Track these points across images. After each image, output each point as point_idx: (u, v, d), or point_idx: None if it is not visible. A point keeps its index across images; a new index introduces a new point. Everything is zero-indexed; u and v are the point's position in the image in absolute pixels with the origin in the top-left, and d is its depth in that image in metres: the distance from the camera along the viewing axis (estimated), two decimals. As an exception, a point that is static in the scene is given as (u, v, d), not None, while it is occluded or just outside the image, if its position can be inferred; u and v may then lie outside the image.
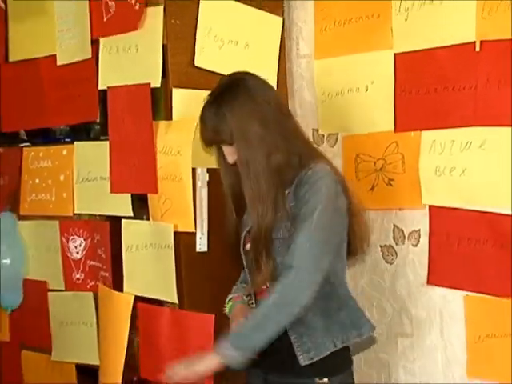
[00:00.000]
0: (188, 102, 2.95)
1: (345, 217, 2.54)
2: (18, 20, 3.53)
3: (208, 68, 2.96)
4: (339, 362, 2.57)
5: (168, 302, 3.00)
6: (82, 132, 3.30)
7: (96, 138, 3.24)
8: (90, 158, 3.13)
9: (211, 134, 2.50)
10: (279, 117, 2.51)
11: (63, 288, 3.27)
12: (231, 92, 2.54)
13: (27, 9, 3.47)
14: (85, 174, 3.17)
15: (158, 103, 2.97)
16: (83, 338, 3.21)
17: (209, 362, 2.43)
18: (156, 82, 2.87)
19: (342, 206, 2.51)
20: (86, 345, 3.25)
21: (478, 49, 2.61)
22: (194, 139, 2.86)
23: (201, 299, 3.02)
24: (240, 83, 2.57)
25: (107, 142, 3.06)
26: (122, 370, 3.08)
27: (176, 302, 2.95)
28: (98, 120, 3.23)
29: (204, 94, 2.72)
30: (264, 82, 2.59)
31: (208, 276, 3.05)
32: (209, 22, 2.96)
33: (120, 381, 3.13)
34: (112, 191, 3.04)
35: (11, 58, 3.52)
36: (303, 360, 2.48)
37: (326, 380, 2.54)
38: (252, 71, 2.92)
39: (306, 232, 2.39)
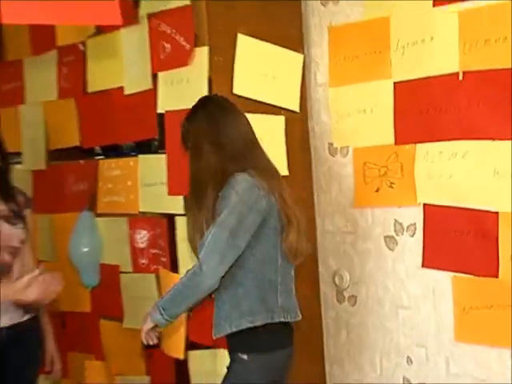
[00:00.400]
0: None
1: (264, 216, 2.56)
2: (95, 59, 3.60)
3: (244, 95, 3.09)
4: (259, 343, 2.64)
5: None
6: (144, 147, 3.37)
7: (155, 152, 3.32)
8: (151, 168, 3.25)
9: (182, 140, 2.69)
10: (228, 135, 2.63)
11: (131, 270, 3.38)
12: (197, 112, 2.71)
13: (101, 51, 3.57)
14: (147, 180, 3.28)
15: None
16: (148, 309, 3.33)
17: (146, 321, 2.62)
18: None
19: (261, 209, 2.54)
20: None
21: (461, 78, 2.76)
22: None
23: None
24: (204, 107, 2.74)
25: (164, 155, 3.19)
26: (184, 335, 3.16)
27: None
28: (157, 137, 3.31)
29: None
30: (224, 107, 2.73)
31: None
32: (244, 58, 3.09)
33: (183, 344, 3.18)
34: (169, 194, 3.16)
35: (89, 90, 3.62)
36: (213, 334, 2.65)
37: (245, 356, 2.64)
38: (279, 98, 3.18)
39: (215, 230, 2.47)
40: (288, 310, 2.71)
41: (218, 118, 2.69)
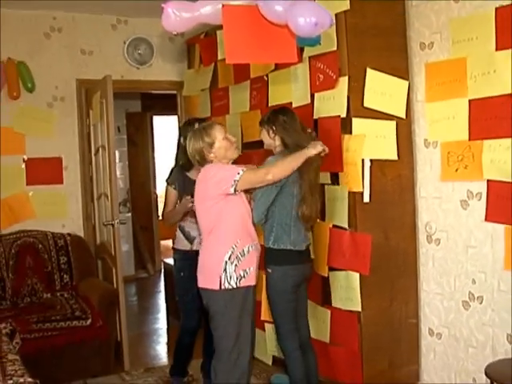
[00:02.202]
0: (361, 126, 3.32)
1: (281, 186, 3.06)
2: (274, 85, 3.91)
3: (371, 107, 3.34)
4: (279, 259, 3.14)
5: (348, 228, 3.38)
6: None
7: None
8: None
9: (262, 121, 3.26)
10: (284, 130, 3.13)
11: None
12: (273, 113, 3.23)
13: (278, 80, 3.86)
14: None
15: (344, 125, 3.33)
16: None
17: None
18: (343, 115, 3.32)
19: (279, 183, 3.05)
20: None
21: (512, 97, 2.94)
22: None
23: (366, 227, 3.36)
24: (279, 111, 3.24)
25: None
26: (326, 262, 3.44)
27: (346, 226, 3.36)
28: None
29: (370, 121, 3.25)
30: (290, 113, 3.20)
31: (369, 214, 3.38)
32: (370, 83, 3.34)
33: (326, 267, 3.44)
34: (320, 171, 3.29)
35: (270, 104, 3.92)
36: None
37: (269, 270, 3.17)
38: (392, 109, 3.35)
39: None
40: (297, 242, 3.17)
41: (286, 118, 3.17)
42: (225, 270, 2.98)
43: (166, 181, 3.72)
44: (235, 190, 2.96)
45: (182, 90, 5.17)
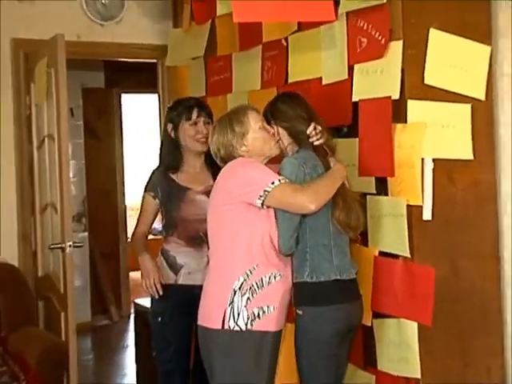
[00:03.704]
0: (420, 110, 3.31)
1: None
2: (296, 52, 3.93)
3: (435, 85, 3.34)
4: (315, 296, 3.13)
5: (401, 256, 3.35)
6: (333, 132, 3.45)
7: (343, 137, 3.59)
8: (340, 151, 3.41)
9: (267, 114, 3.32)
10: (289, 118, 3.25)
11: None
12: (270, 104, 3.35)
13: (303, 45, 3.88)
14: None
15: (397, 111, 3.31)
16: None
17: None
18: (396, 95, 3.31)
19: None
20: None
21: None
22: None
23: (426, 255, 3.35)
24: (277, 97, 3.41)
25: (355, 139, 3.49)
26: (369, 305, 3.46)
27: (408, 255, 3.32)
28: (349, 123, 3.57)
29: (433, 105, 3.27)
30: (290, 97, 3.36)
31: (430, 238, 3.38)
32: (435, 51, 3.33)
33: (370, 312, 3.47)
34: (360, 175, 3.48)
35: (290, 80, 3.97)
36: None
37: (300, 312, 3.16)
38: (466, 87, 3.41)
39: None
40: (343, 268, 3.19)
41: (287, 104, 3.30)
42: (232, 302, 3.05)
43: (145, 187, 3.81)
44: (262, 204, 3.06)
45: (165, 58, 5.20)
